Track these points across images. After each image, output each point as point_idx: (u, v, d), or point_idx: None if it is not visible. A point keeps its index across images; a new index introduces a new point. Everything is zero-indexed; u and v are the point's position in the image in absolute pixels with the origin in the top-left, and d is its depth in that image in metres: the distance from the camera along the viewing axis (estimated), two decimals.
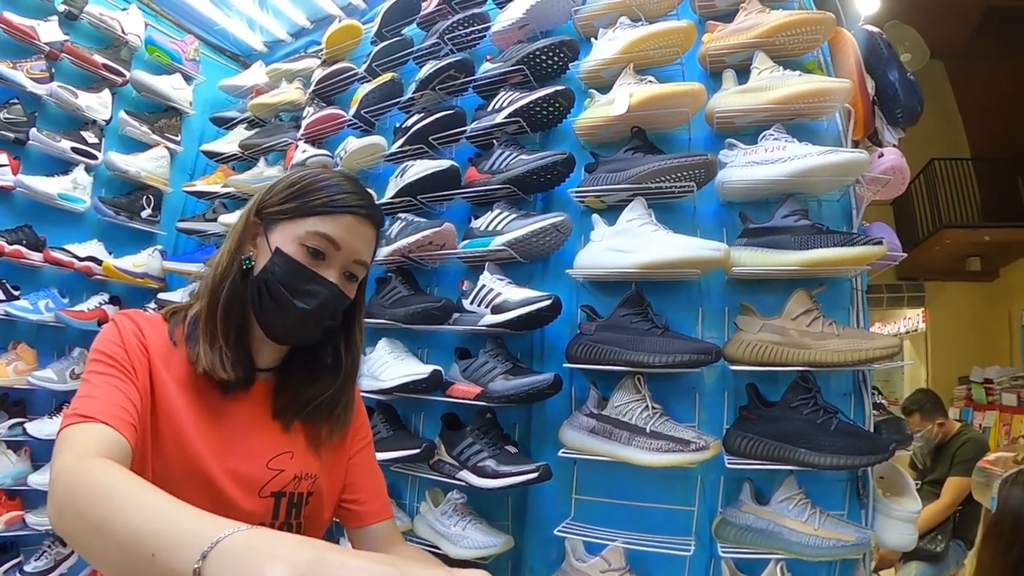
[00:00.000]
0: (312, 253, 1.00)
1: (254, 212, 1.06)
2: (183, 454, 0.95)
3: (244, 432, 1.04)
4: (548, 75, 2.09)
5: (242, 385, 1.04)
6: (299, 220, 1.01)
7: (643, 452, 1.56)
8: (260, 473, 1.02)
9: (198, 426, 0.98)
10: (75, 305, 2.70)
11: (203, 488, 0.95)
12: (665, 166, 1.69)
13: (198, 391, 1.00)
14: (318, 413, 1.11)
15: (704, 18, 1.98)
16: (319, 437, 1.11)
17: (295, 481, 1.05)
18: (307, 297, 1.00)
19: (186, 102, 3.15)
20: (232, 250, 1.05)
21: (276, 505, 1.03)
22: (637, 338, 1.62)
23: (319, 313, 1.02)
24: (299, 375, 1.11)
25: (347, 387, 1.14)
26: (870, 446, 1.43)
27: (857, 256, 1.50)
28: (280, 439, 1.07)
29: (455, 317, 1.91)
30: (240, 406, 1.05)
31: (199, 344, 0.99)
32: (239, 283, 1.03)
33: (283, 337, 1.06)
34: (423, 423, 2.12)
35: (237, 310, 1.03)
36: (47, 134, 2.64)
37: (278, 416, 1.08)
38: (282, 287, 1.00)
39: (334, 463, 1.15)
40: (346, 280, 1.05)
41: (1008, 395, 8.16)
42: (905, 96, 2.02)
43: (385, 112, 2.43)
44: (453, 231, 1.97)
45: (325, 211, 1.00)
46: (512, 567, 1.87)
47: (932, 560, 3.22)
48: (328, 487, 1.12)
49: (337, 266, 1.03)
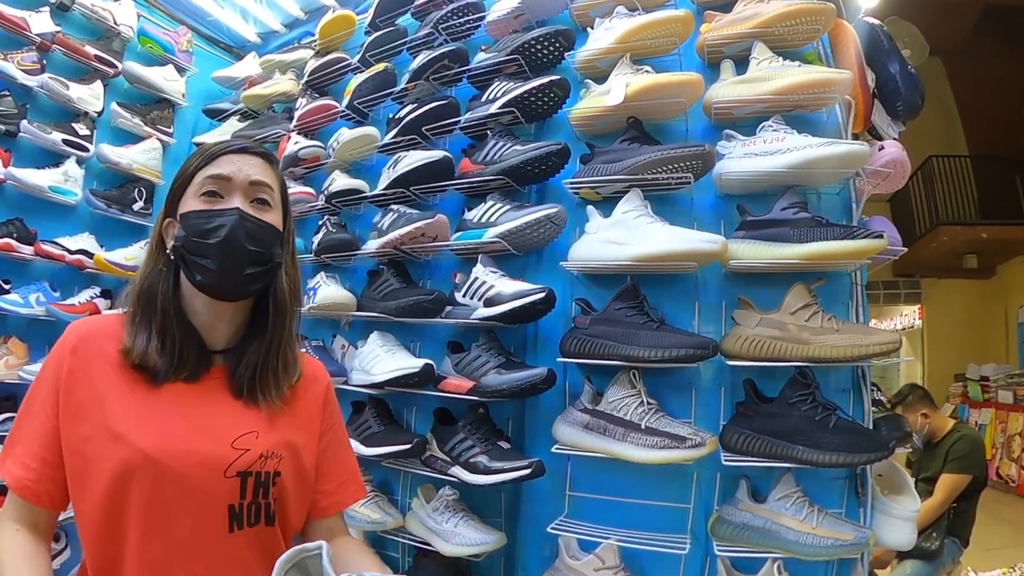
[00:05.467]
0: (208, 196, 1.07)
1: (164, 214, 1.12)
2: (129, 448, 0.97)
3: (208, 415, 1.06)
4: (543, 65, 2.05)
5: (197, 371, 1.07)
6: (190, 184, 1.08)
7: (638, 448, 1.53)
8: (225, 453, 1.03)
9: (153, 416, 1.01)
10: (66, 299, 2.66)
11: (160, 476, 0.98)
12: (662, 157, 1.66)
13: (156, 386, 1.04)
14: (269, 377, 1.11)
15: (702, 8, 1.95)
16: (282, 411, 1.12)
17: (261, 460, 1.06)
18: (217, 231, 1.04)
19: (179, 94, 3.11)
20: (150, 254, 1.12)
21: (243, 484, 1.04)
22: (632, 332, 1.59)
23: (235, 239, 1.05)
24: (249, 346, 1.12)
25: (276, 329, 1.13)
26: (869, 443, 1.42)
27: (858, 249, 1.47)
28: (244, 419, 1.08)
29: (448, 310, 1.88)
30: (201, 390, 1.07)
31: (130, 340, 1.04)
32: (164, 279, 1.08)
33: (220, 282, 1.06)
34: (415, 418, 2.10)
35: (161, 301, 1.06)
36: (38, 126, 2.60)
37: (239, 395, 1.10)
38: (194, 237, 1.04)
39: (303, 444, 1.15)
40: (256, 206, 1.09)
41: (1004, 392, 8.21)
42: (906, 89, 2.00)
43: (378, 103, 2.40)
44: (446, 223, 1.94)
45: (205, 161, 1.08)
46: (505, 564, 1.85)
47: (927, 558, 3.20)
48: (296, 467, 1.12)
49: (237, 194, 1.07)
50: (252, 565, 1.04)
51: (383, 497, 1.99)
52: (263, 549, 1.05)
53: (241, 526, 1.03)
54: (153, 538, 0.98)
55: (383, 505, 1.95)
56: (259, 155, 1.13)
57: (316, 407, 1.21)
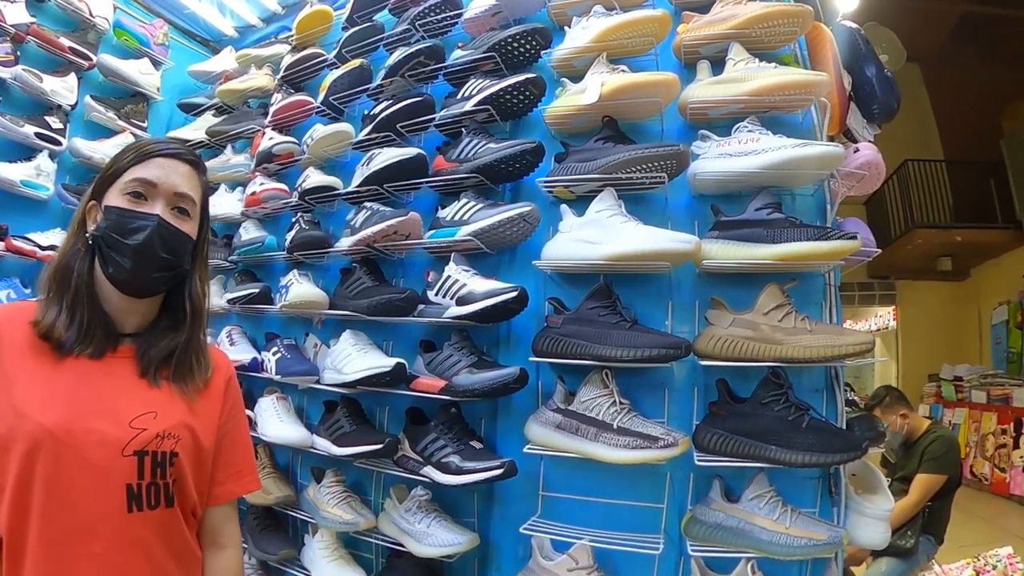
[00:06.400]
0: (133, 196, 1.13)
1: (89, 195, 1.18)
2: (33, 424, 1.01)
3: (109, 394, 1.10)
4: (520, 63, 2.04)
5: (103, 348, 1.12)
6: (119, 178, 1.14)
7: (610, 448, 1.53)
8: (122, 432, 1.07)
9: (56, 391, 1.05)
10: (37, 296, 2.60)
11: (61, 452, 1.02)
12: (636, 156, 1.65)
13: (61, 363, 1.08)
14: (180, 365, 1.18)
15: (680, 8, 1.95)
16: (186, 394, 1.17)
17: (157, 439, 1.10)
18: (136, 233, 1.11)
19: (154, 87, 3.06)
20: (71, 233, 1.17)
21: (140, 464, 1.07)
22: (605, 331, 1.58)
23: (151, 244, 1.12)
24: (159, 333, 1.19)
25: (193, 330, 1.22)
26: (842, 443, 1.42)
27: (831, 251, 1.48)
28: (144, 399, 1.12)
29: (420, 309, 1.87)
30: (107, 370, 1.12)
31: (42, 314, 1.10)
32: (81, 259, 1.14)
33: (130, 280, 1.13)
34: (387, 417, 2.08)
35: (75, 279, 1.12)
36: (10, 119, 2.54)
37: (143, 375, 1.15)
38: (113, 233, 1.11)
39: (206, 428, 1.20)
40: (176, 215, 1.16)
41: (978, 392, 8.32)
42: (882, 92, 2.01)
43: (354, 99, 2.38)
44: (419, 221, 1.92)
45: (137, 160, 1.14)
46: (478, 565, 1.84)
47: (902, 556, 3.24)
48: (195, 449, 1.16)
49: (160, 202, 1.14)
50: (152, 546, 1.09)
51: (355, 497, 1.96)
52: (163, 530, 1.10)
53: (141, 507, 1.07)
54: (54, 515, 1.01)
55: (355, 506, 1.93)
56: (188, 162, 1.20)
57: (217, 393, 1.26)
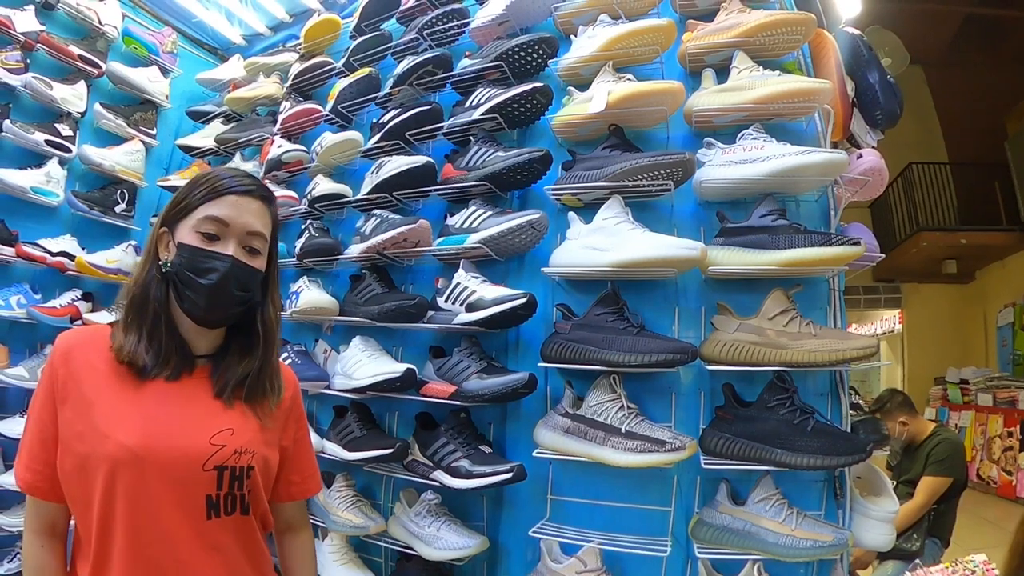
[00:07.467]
0: (206, 236, 1.15)
1: (160, 223, 1.20)
2: (116, 445, 1.06)
3: (188, 413, 1.15)
4: (527, 72, 2.06)
5: (180, 371, 1.17)
6: (191, 213, 1.16)
7: (618, 452, 1.54)
8: (203, 448, 1.12)
9: (137, 413, 1.10)
10: (47, 301, 2.64)
11: (145, 469, 1.06)
12: (643, 164, 1.67)
13: (142, 386, 1.13)
14: (253, 388, 1.22)
15: (684, 17, 1.97)
16: (257, 413, 1.22)
17: (236, 455, 1.15)
18: (210, 273, 1.14)
19: (162, 95, 3.10)
20: (145, 259, 1.20)
21: (219, 477, 1.13)
22: (612, 337, 1.60)
23: (225, 285, 1.15)
24: (233, 356, 1.23)
25: (267, 356, 1.25)
26: (847, 446, 1.43)
27: (835, 256, 1.49)
28: (221, 417, 1.17)
29: (429, 315, 1.89)
30: (184, 391, 1.17)
31: (122, 339, 1.14)
32: (157, 285, 1.17)
33: (205, 316, 1.17)
34: (397, 422, 2.10)
35: (153, 305, 1.16)
36: (20, 126, 2.58)
37: (219, 396, 1.19)
38: (188, 271, 1.14)
39: (272, 441, 1.26)
40: (247, 253, 1.18)
41: (984, 395, 8.29)
42: (885, 98, 2.03)
43: (362, 107, 2.40)
44: (428, 228, 1.94)
45: (210, 197, 1.16)
46: (487, 568, 1.85)
47: (908, 559, 3.23)
48: (266, 463, 1.22)
49: (232, 241, 1.16)
50: (229, 549, 1.15)
51: (365, 502, 1.98)
52: (239, 535, 1.17)
53: (219, 515, 1.13)
54: (139, 525, 1.06)
55: (365, 510, 1.94)
56: (262, 199, 1.21)
57: (283, 411, 1.30)
